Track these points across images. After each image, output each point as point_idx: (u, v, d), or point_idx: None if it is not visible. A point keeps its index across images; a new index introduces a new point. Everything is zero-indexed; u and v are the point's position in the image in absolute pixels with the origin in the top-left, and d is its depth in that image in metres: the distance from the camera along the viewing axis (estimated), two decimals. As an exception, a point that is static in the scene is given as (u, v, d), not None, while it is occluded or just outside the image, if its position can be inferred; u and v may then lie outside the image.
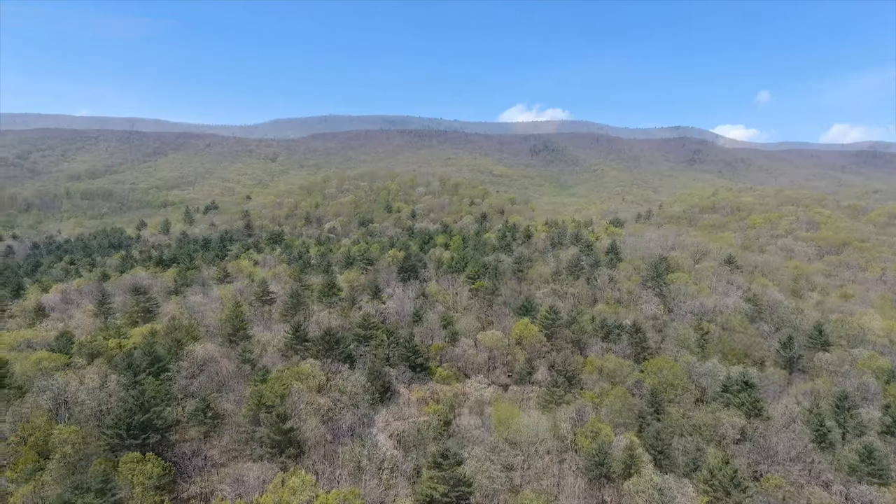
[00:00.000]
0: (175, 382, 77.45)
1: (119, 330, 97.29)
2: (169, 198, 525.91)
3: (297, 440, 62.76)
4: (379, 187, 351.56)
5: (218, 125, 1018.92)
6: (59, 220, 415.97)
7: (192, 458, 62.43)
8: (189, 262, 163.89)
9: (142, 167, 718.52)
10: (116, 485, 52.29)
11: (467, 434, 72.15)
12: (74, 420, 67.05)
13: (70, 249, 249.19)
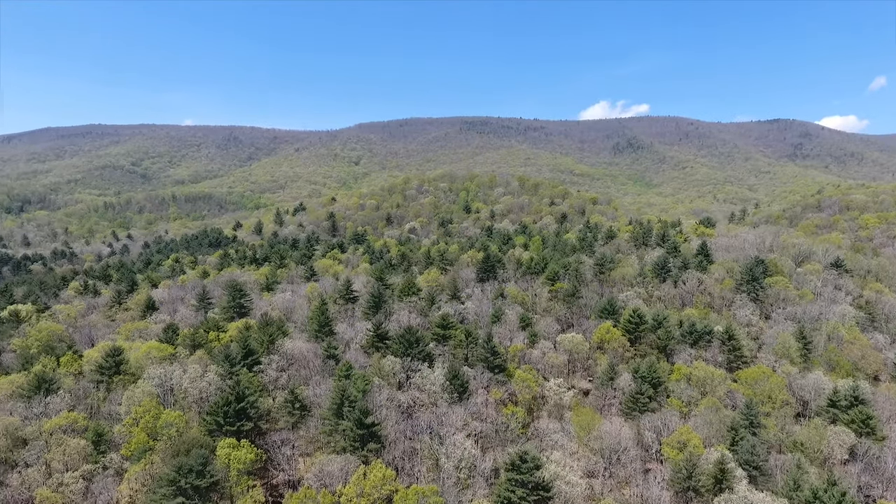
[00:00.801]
0: (266, 375, 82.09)
1: (217, 324, 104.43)
2: (262, 200, 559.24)
3: (377, 435, 64.56)
4: (458, 188, 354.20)
5: (306, 130, 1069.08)
6: (167, 222, 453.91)
7: (282, 446, 65.88)
8: (279, 261, 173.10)
9: (238, 172, 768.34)
10: (214, 467, 56.19)
11: (546, 438, 71.10)
12: (178, 406, 72.95)
13: (175, 248, 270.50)
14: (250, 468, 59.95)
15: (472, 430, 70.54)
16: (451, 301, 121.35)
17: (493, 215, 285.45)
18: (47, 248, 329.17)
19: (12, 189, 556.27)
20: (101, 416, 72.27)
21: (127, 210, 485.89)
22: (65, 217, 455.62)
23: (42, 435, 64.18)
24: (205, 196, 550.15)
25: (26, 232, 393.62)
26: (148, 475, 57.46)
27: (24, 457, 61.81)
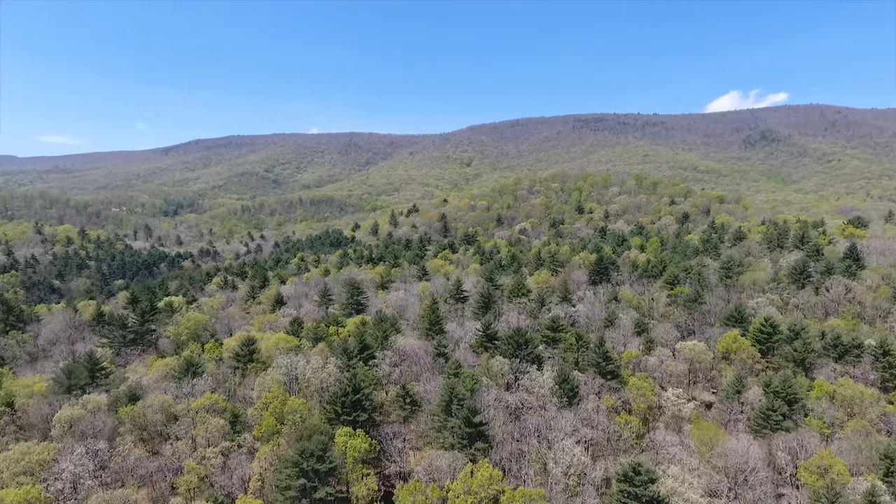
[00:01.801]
0: (380, 369, 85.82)
1: (337, 319, 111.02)
2: (378, 202, 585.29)
3: (485, 434, 64.92)
4: (570, 188, 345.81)
5: (420, 134, 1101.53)
6: (294, 223, 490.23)
7: (393, 439, 68.52)
8: (393, 260, 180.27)
9: (357, 176, 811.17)
10: (333, 454, 59.78)
11: (662, 451, 67.14)
12: (302, 394, 78.62)
13: (301, 248, 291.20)
14: (365, 457, 62.98)
15: (581, 436, 68.51)
16: (561, 303, 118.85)
17: (608, 216, 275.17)
18: (195, 247, 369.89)
19: (168, 195, 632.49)
20: (236, 399, 79.83)
21: (260, 213, 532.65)
22: (209, 219, 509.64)
23: (189, 413, 72.25)
24: (327, 199, 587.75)
25: (179, 232, 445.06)
26: (275, 455, 62.47)
27: (175, 431, 70.00)
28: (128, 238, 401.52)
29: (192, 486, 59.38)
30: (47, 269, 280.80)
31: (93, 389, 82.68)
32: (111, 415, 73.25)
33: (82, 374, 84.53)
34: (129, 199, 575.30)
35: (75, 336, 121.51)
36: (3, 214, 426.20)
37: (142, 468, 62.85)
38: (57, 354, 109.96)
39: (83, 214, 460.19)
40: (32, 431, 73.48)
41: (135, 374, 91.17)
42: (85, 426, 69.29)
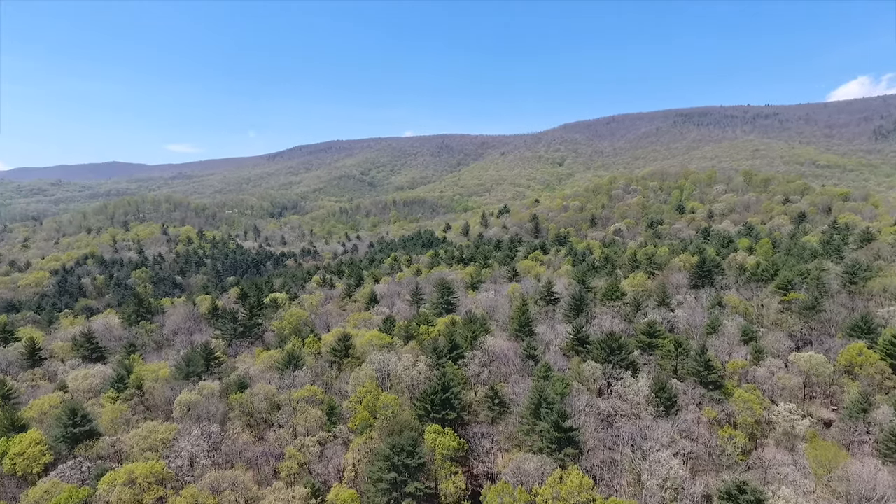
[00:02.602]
0: (469, 369, 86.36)
1: (427, 318, 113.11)
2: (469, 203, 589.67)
3: (575, 440, 63.31)
4: (670, 186, 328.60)
5: (511, 134, 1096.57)
6: (388, 224, 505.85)
7: (481, 439, 68.69)
8: (484, 261, 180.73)
9: (448, 177, 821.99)
10: (422, 450, 60.99)
11: (772, 470, 61.93)
12: (394, 390, 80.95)
13: (394, 248, 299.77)
14: (453, 455, 63.67)
15: (679, 448, 64.82)
16: (658, 308, 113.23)
17: (711, 215, 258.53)
18: (298, 247, 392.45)
19: (274, 198, 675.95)
20: (333, 392, 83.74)
21: (357, 214, 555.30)
22: (310, 220, 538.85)
23: (290, 402, 76.79)
24: (420, 200, 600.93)
25: (283, 233, 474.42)
26: (368, 448, 64.80)
27: (278, 419, 74.70)
28: (239, 238, 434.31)
29: (292, 471, 63.06)
30: (171, 266, 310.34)
31: (207, 377, 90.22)
32: (223, 401, 79.56)
33: (199, 362, 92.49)
34: (240, 202, 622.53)
35: (193, 327, 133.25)
36: (135, 217, 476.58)
37: (248, 452, 67.66)
38: (178, 343, 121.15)
39: (201, 216, 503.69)
40: (157, 412, 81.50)
41: (243, 364, 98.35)
42: (200, 410, 75.85)
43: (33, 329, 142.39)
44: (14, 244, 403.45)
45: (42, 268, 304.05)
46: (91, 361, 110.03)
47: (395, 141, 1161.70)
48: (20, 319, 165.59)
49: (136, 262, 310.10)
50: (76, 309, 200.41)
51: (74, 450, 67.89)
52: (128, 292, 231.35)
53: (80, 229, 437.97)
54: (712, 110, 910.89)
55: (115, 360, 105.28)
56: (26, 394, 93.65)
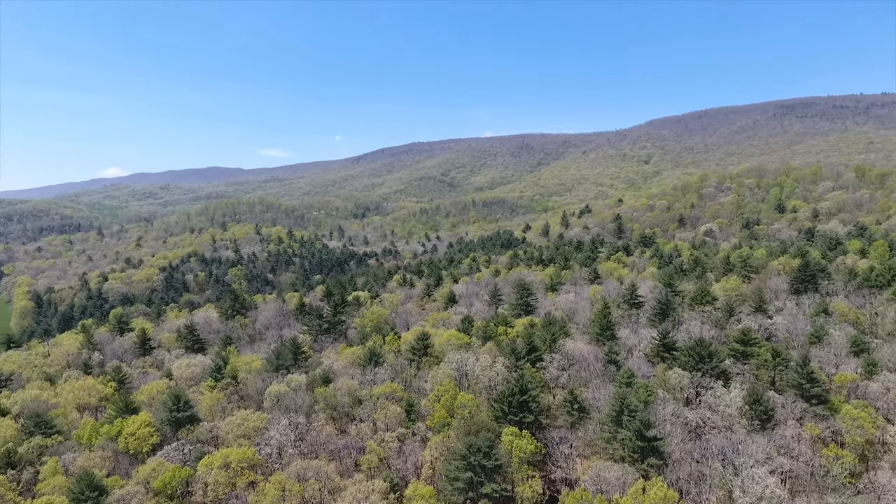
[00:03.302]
0: (548, 372, 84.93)
1: (506, 319, 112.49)
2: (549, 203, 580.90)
3: (659, 450, 60.54)
4: (769, 184, 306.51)
5: (594, 132, 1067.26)
6: (467, 224, 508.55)
7: (560, 444, 67.31)
8: (564, 262, 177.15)
9: (528, 177, 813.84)
10: (499, 452, 60.75)
11: (887, 496, 56.09)
12: (471, 390, 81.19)
13: (473, 248, 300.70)
14: (530, 458, 62.89)
15: (776, 466, 60.19)
16: (754, 314, 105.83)
17: (817, 215, 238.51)
18: (379, 247, 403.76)
19: (358, 199, 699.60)
20: (412, 390, 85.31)
21: (436, 215, 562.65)
22: (392, 221, 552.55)
23: (371, 398, 79.06)
24: (499, 201, 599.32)
25: (366, 233, 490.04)
26: (445, 447, 65.45)
27: (359, 413, 77.17)
28: (325, 238, 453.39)
29: (372, 465, 64.94)
30: (263, 264, 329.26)
31: (295, 370, 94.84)
32: (308, 393, 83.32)
33: (287, 356, 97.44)
34: (326, 204, 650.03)
35: (283, 322, 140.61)
36: (232, 218, 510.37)
37: (331, 443, 70.41)
38: (269, 337, 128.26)
39: (291, 217, 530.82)
40: (250, 402, 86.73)
41: (328, 359, 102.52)
42: (288, 401, 79.90)
43: (144, 321, 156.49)
44: (129, 243, 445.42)
45: (152, 265, 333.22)
46: (193, 352, 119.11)
47: (475, 142, 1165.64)
48: (133, 312, 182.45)
49: (232, 261, 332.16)
50: (181, 303, 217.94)
51: (178, 433, 73.77)
52: (225, 288, 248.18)
53: (185, 229, 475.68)
54: (818, 101, 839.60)
55: (213, 352, 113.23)
56: (138, 379, 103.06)
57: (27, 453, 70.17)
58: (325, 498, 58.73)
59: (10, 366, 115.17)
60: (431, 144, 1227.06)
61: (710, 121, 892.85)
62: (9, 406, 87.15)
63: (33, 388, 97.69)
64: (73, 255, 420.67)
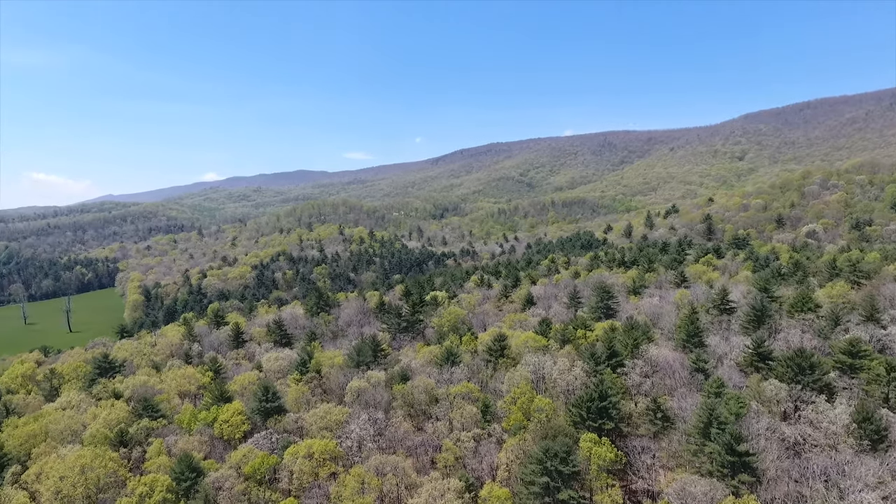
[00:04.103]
0: (629, 378, 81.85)
1: (585, 322, 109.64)
2: (632, 203, 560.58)
3: (752, 467, 56.53)
4: (884, 180, 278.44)
5: (682, 128, 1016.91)
6: (546, 225, 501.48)
7: (641, 453, 64.61)
8: (648, 264, 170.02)
9: (610, 176, 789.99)
10: (577, 458, 59.28)
11: None
12: (548, 393, 79.81)
13: (552, 249, 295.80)
14: (609, 467, 60.86)
15: (889, 492, 54.44)
16: (864, 323, 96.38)
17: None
18: (457, 247, 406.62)
19: (437, 200, 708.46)
20: (488, 391, 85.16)
21: (514, 215, 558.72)
22: (470, 222, 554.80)
23: (448, 397, 79.73)
24: (579, 201, 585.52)
25: (444, 234, 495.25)
26: (521, 450, 64.74)
27: (436, 412, 78.06)
28: (404, 238, 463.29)
29: (448, 463, 65.44)
30: (346, 263, 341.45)
31: (375, 366, 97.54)
32: (387, 390, 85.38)
33: (367, 352, 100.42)
34: (405, 205, 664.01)
35: (364, 320, 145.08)
36: (317, 219, 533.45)
37: (409, 440, 71.70)
38: (350, 334, 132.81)
39: (372, 218, 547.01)
40: (332, 395, 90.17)
41: (406, 357, 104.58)
42: (368, 397, 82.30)
43: (238, 315, 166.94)
44: (225, 242, 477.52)
45: (245, 263, 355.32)
46: (281, 346, 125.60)
47: (555, 141, 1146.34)
48: (228, 306, 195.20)
49: (317, 259, 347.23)
50: (270, 299, 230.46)
51: (266, 422, 78.05)
52: (310, 286, 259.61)
53: (274, 230, 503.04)
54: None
55: (299, 346, 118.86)
56: (231, 370, 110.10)
57: (136, 434, 76.92)
58: (402, 493, 59.90)
59: (123, 353, 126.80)
60: (510, 144, 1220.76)
61: (813, 113, 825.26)
62: (122, 390, 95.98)
63: (142, 374, 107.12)
64: (177, 253, 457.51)
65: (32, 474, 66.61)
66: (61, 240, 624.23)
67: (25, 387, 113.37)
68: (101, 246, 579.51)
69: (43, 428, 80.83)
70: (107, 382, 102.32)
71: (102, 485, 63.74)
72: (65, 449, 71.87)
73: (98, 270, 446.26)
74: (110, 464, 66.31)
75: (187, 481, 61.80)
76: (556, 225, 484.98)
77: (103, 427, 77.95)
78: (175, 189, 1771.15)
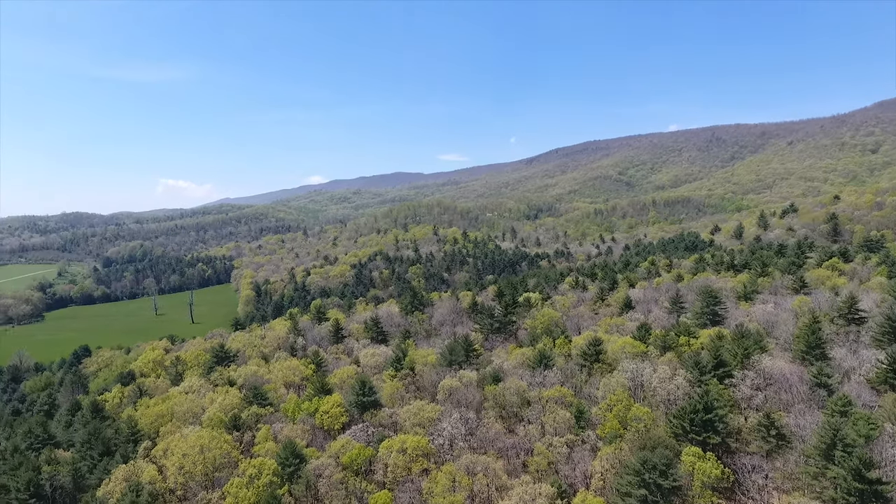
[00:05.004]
0: (739, 390, 76.06)
1: (688, 329, 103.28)
2: (743, 202, 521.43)
3: (885, 496, 50.32)
4: None
5: (802, 120, 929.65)
6: (646, 226, 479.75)
7: (752, 473, 59.71)
8: (761, 268, 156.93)
9: (718, 173, 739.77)
10: (678, 472, 55.98)
11: None
12: (647, 402, 76.05)
13: (652, 251, 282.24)
14: (715, 484, 56.85)
15: None
16: None
17: None
18: (551, 248, 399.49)
19: (530, 200, 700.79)
20: (582, 396, 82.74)
21: (612, 215, 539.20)
22: (565, 222, 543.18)
23: (540, 400, 78.47)
24: (683, 200, 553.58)
25: (538, 235, 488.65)
26: (617, 459, 62.24)
27: (528, 415, 77.06)
28: (497, 239, 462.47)
29: (540, 467, 64.35)
30: (440, 263, 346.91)
31: (466, 366, 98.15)
32: (479, 390, 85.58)
33: (460, 352, 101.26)
34: (499, 206, 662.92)
35: (456, 320, 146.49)
36: (413, 220, 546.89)
37: (500, 442, 71.32)
38: (443, 333, 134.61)
39: (465, 219, 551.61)
40: (424, 393, 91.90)
41: (498, 358, 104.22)
42: (460, 396, 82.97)
43: (338, 312, 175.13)
44: (327, 242, 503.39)
45: (345, 262, 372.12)
46: (377, 342, 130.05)
47: (657, 137, 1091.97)
48: (329, 303, 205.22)
49: (412, 259, 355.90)
50: (368, 297, 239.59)
51: (363, 415, 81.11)
52: (405, 285, 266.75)
53: (372, 230, 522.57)
54: None
55: (394, 343, 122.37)
56: (331, 363, 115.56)
57: (247, 419, 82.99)
58: (493, 494, 59.71)
59: (237, 344, 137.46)
60: (608, 142, 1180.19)
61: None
62: (235, 378, 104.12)
63: (252, 364, 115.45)
64: (284, 252, 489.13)
65: (160, 450, 74.10)
66: (186, 239, 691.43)
67: (155, 371, 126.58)
68: (220, 245, 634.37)
69: (169, 409, 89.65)
70: (223, 370, 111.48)
71: (218, 464, 69.45)
72: (187, 429, 79.07)
73: (216, 267, 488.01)
74: (225, 445, 72.11)
75: (291, 467, 65.69)
76: (658, 225, 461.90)
77: (219, 411, 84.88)
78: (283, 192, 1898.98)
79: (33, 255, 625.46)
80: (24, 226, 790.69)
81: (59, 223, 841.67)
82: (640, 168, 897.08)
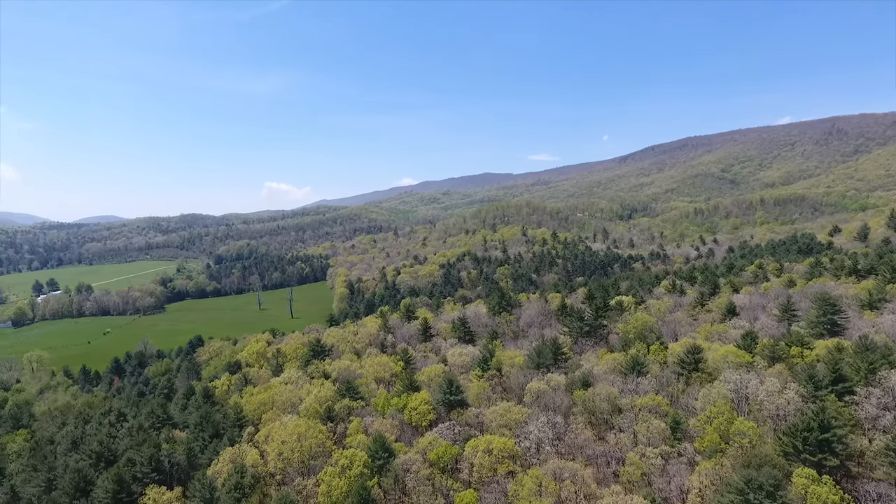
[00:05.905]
0: (861, 409, 68.45)
1: (802, 339, 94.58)
2: (869, 200, 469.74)
3: None
4: None
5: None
6: (753, 226, 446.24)
7: (877, 502, 53.51)
8: (890, 274, 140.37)
9: (839, 168, 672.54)
10: (787, 494, 51.37)
11: None
12: (752, 416, 70.46)
13: (760, 254, 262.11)
14: (833, 512, 51.56)
15: None
16: None
17: None
18: (646, 250, 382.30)
19: (624, 200, 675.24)
20: (678, 406, 78.27)
21: (714, 215, 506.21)
22: (661, 223, 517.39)
23: (633, 409, 75.16)
24: (796, 198, 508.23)
25: (632, 236, 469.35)
26: (717, 475, 58.21)
27: (619, 423, 74.09)
28: (588, 240, 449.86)
29: (633, 478, 61.64)
30: (528, 264, 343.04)
31: (555, 369, 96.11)
32: (567, 395, 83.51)
33: (548, 355, 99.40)
34: (590, 206, 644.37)
35: (545, 322, 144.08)
36: (501, 220, 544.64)
37: (589, 449, 69.16)
38: (531, 335, 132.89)
39: (555, 219, 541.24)
40: (511, 394, 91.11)
41: (587, 362, 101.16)
42: (547, 399, 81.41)
43: (426, 311, 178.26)
44: (417, 242, 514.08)
45: (434, 262, 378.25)
46: (464, 342, 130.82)
47: (766, 130, 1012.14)
48: (418, 302, 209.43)
49: (500, 260, 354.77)
50: (455, 297, 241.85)
51: (450, 413, 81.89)
52: (493, 286, 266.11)
53: (461, 231, 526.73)
54: None
55: (481, 344, 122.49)
56: (420, 361, 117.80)
57: (340, 411, 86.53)
58: (581, 502, 57.97)
59: (332, 339, 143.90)
60: (710, 138, 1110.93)
61: None
62: (330, 371, 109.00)
63: (346, 359, 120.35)
64: (376, 251, 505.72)
65: (262, 436, 79.20)
66: (287, 238, 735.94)
67: (259, 362, 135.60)
68: (317, 244, 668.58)
69: (271, 398, 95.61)
70: (318, 364, 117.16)
71: (313, 452, 73.01)
72: (286, 418, 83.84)
73: (314, 265, 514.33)
74: (319, 435, 75.67)
75: (381, 460, 67.64)
76: (766, 226, 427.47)
77: (315, 402, 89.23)
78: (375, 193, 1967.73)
79: (157, 253, 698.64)
80: (149, 226, 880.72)
81: (178, 223, 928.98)
82: (747, 164, 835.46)
